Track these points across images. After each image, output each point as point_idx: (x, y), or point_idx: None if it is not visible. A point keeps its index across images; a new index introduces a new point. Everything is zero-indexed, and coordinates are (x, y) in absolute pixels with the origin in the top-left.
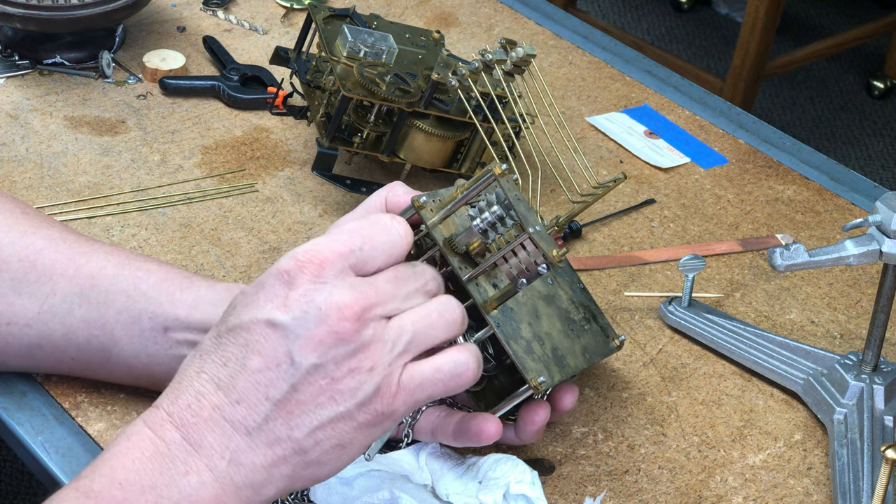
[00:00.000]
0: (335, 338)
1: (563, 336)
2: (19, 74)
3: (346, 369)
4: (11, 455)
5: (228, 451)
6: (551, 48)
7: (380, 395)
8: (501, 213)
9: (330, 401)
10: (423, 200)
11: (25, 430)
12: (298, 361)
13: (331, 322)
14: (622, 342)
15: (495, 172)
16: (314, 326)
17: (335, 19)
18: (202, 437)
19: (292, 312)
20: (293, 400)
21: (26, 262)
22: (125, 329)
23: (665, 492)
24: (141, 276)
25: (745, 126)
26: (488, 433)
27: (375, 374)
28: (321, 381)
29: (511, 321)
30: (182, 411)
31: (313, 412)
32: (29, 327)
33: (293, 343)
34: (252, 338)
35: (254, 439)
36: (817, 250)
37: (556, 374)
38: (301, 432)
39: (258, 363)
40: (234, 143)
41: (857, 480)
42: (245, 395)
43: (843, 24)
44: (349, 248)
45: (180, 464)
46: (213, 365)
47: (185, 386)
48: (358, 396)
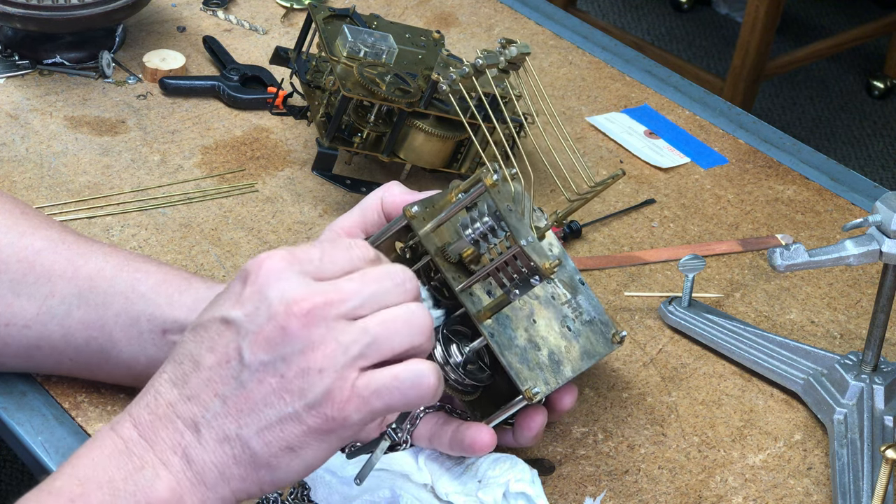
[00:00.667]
0: (283, 334)
1: (561, 338)
2: (19, 74)
3: (297, 369)
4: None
5: (180, 447)
6: (551, 48)
7: (330, 398)
8: (493, 223)
9: (279, 400)
10: (414, 210)
11: (25, 430)
12: (248, 358)
13: (279, 318)
14: (622, 338)
15: (486, 183)
16: (264, 322)
17: (335, 19)
18: (156, 434)
19: (244, 308)
20: (242, 397)
21: (25, 264)
22: (124, 331)
23: (665, 492)
24: (139, 277)
25: (745, 126)
26: (482, 444)
27: (325, 377)
28: (270, 380)
29: (506, 329)
30: (140, 410)
31: (261, 411)
32: (27, 328)
33: (243, 339)
34: (207, 335)
35: (203, 436)
36: (817, 250)
37: (551, 381)
38: (249, 431)
39: (210, 360)
40: (234, 143)
41: (857, 480)
42: (196, 392)
43: (843, 24)
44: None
45: (136, 459)
46: (172, 364)
47: (148, 387)
48: (307, 397)
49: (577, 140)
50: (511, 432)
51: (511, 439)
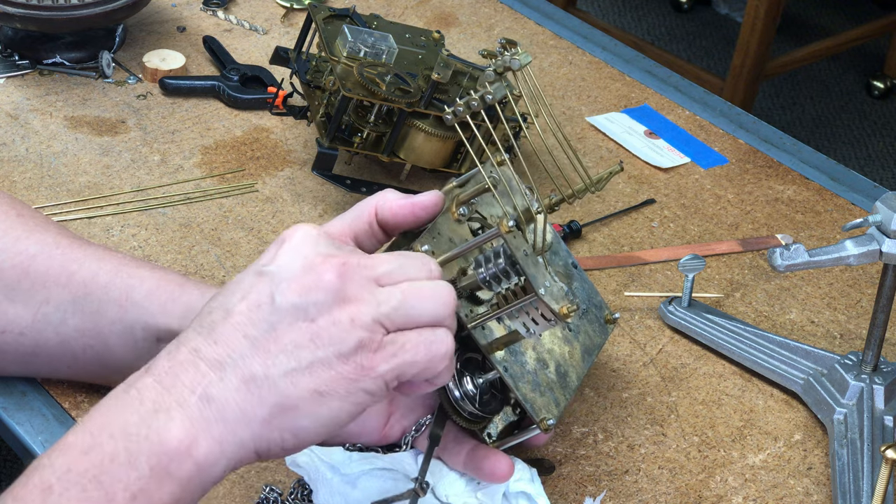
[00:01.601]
0: (317, 281)
1: (564, 343)
2: (19, 74)
3: (329, 318)
4: (12, 455)
5: (200, 387)
6: (551, 48)
7: (361, 348)
8: (506, 267)
9: (310, 343)
10: (424, 249)
11: (25, 430)
12: (279, 301)
13: (316, 268)
14: (615, 319)
15: (502, 230)
16: (300, 273)
17: (335, 19)
18: (175, 378)
19: (280, 262)
20: (272, 338)
21: (19, 269)
22: (119, 339)
23: (665, 492)
24: (133, 284)
25: (745, 126)
26: (502, 474)
27: (357, 328)
28: (301, 324)
29: (517, 356)
30: (161, 360)
31: (292, 353)
32: (23, 336)
33: (276, 286)
34: (240, 287)
35: (227, 374)
36: (817, 250)
37: (561, 400)
38: (277, 371)
39: (242, 307)
40: (234, 143)
41: (857, 480)
42: (224, 335)
43: (843, 24)
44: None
45: (150, 403)
46: (199, 318)
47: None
48: (338, 346)
49: (577, 140)
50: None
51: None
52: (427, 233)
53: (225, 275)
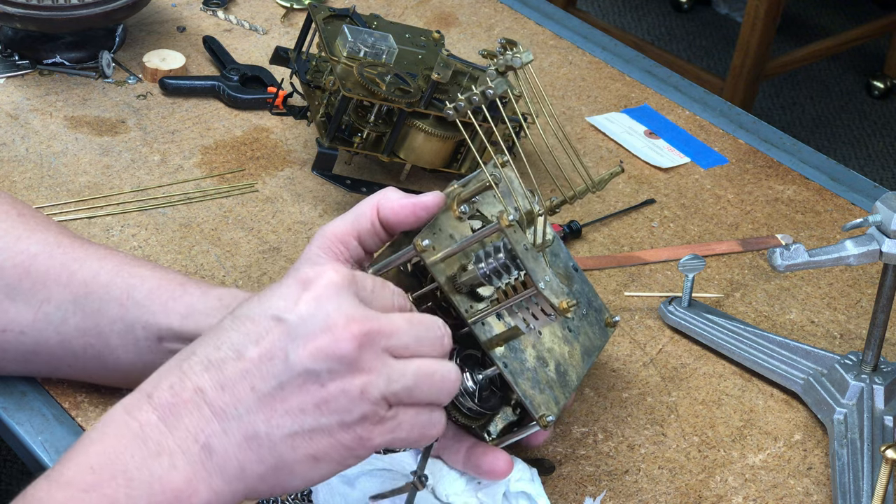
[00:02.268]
0: (335, 349)
1: (564, 343)
2: (19, 74)
3: (339, 386)
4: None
5: (203, 435)
6: (551, 48)
7: (364, 421)
8: (507, 261)
9: (315, 410)
10: (425, 244)
11: (25, 430)
12: (293, 361)
13: (335, 332)
14: (616, 322)
15: (502, 223)
16: (318, 331)
17: (335, 19)
18: (179, 419)
19: (300, 313)
20: (279, 398)
21: (20, 269)
22: (120, 338)
23: (665, 492)
24: (134, 283)
25: (745, 126)
26: (500, 471)
27: (365, 401)
28: (311, 387)
29: (517, 353)
30: (163, 392)
31: (296, 417)
32: (24, 335)
33: (293, 342)
34: (255, 329)
35: (231, 427)
36: (817, 250)
37: (560, 398)
38: (279, 433)
39: (254, 353)
40: (234, 143)
41: (857, 480)
42: (232, 381)
43: (843, 24)
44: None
45: (153, 444)
46: (207, 347)
47: (172, 368)
48: (343, 416)
49: (577, 140)
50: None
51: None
52: (428, 228)
53: (225, 275)
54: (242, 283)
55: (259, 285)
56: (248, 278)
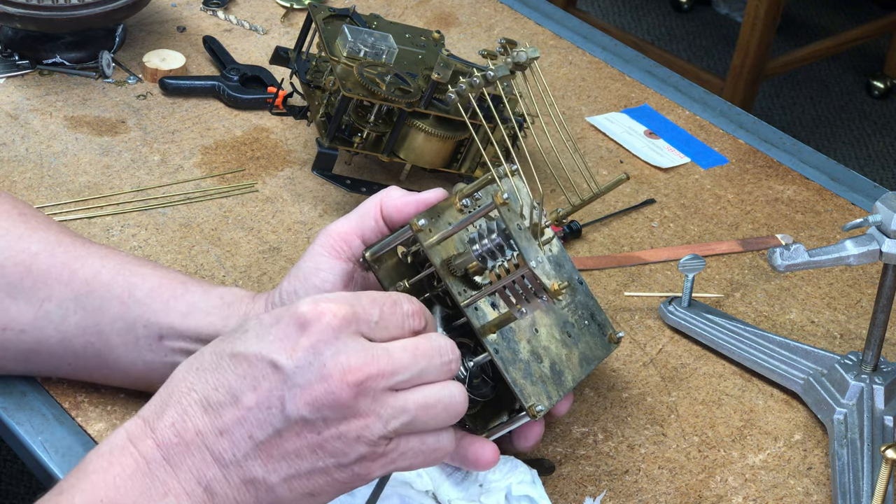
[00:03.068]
0: (331, 399)
1: (561, 346)
2: (19, 74)
3: (335, 432)
4: (11, 455)
5: (205, 479)
6: (551, 48)
7: (361, 460)
8: (501, 241)
9: (311, 454)
10: (421, 224)
11: (25, 430)
12: (290, 410)
13: (331, 382)
14: (619, 339)
15: (496, 201)
16: (314, 381)
17: (335, 19)
18: (182, 460)
19: (296, 360)
20: (275, 445)
21: (21, 267)
22: (121, 336)
23: (665, 492)
24: (136, 282)
25: (745, 126)
26: (486, 460)
27: (361, 445)
28: (307, 435)
29: (510, 343)
30: (166, 429)
31: (293, 461)
32: (24, 333)
33: (289, 391)
34: (252, 372)
35: (230, 473)
36: (817, 250)
37: (553, 394)
38: (277, 477)
39: (251, 400)
40: (234, 143)
41: (857, 480)
42: (230, 428)
43: (843, 24)
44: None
45: (159, 484)
46: (206, 387)
47: (174, 401)
48: (339, 458)
49: (577, 140)
50: (509, 438)
51: (508, 444)
52: (427, 212)
53: (225, 275)
54: (242, 282)
55: (259, 285)
56: (248, 278)
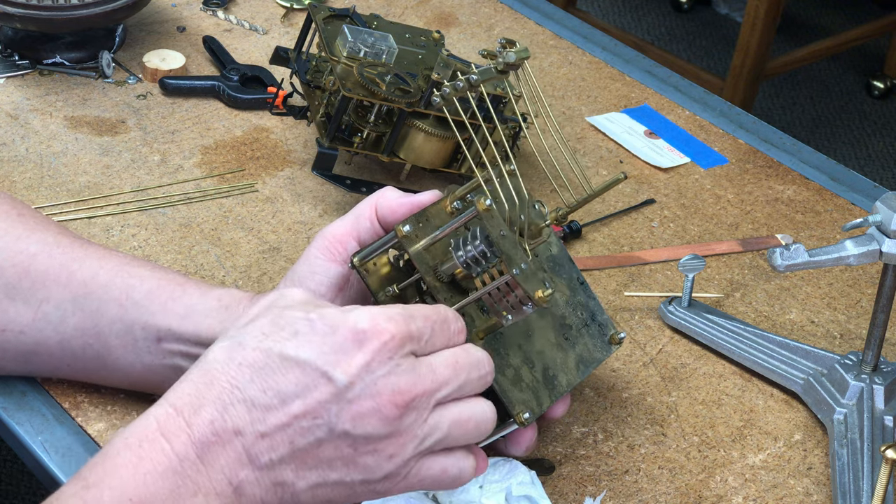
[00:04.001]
0: (378, 417)
1: (557, 349)
2: (19, 74)
3: (372, 448)
4: (11, 455)
5: (237, 479)
6: (551, 48)
7: (387, 479)
8: (485, 248)
9: (343, 467)
10: (406, 230)
11: (25, 430)
12: (334, 423)
13: (380, 401)
14: (621, 339)
15: (479, 208)
16: (365, 398)
17: (335, 19)
18: (216, 458)
19: (350, 374)
20: (312, 454)
21: (20, 268)
22: (119, 338)
23: (665, 492)
24: (134, 283)
25: (745, 126)
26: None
27: (392, 463)
28: (345, 448)
29: (499, 350)
30: (203, 426)
31: (323, 471)
32: (23, 334)
33: (338, 404)
34: (304, 381)
35: (263, 475)
36: (817, 250)
37: (545, 400)
38: (304, 484)
39: (299, 408)
40: (234, 143)
41: (857, 480)
42: (272, 432)
43: (843, 24)
44: (420, 333)
45: (191, 483)
46: (253, 387)
47: (214, 396)
48: (367, 475)
49: (577, 140)
50: (504, 442)
51: (503, 447)
52: (414, 217)
53: (225, 275)
54: (242, 283)
55: (259, 285)
56: (248, 278)
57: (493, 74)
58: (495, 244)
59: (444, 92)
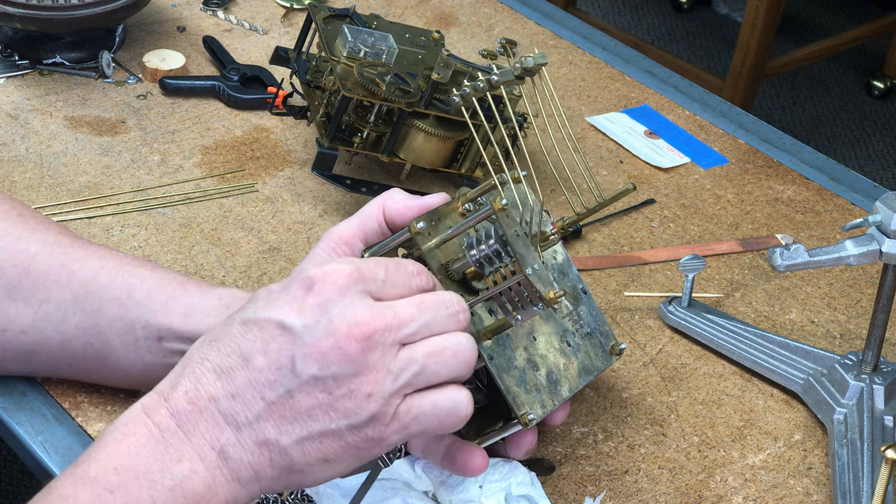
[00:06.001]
0: (339, 354)
1: (560, 355)
2: (19, 74)
3: (346, 389)
4: (11, 455)
5: (219, 443)
6: (551, 48)
7: (374, 421)
8: (498, 248)
9: (324, 415)
10: (420, 227)
11: (25, 430)
12: (300, 369)
13: (339, 337)
14: (622, 350)
15: (495, 207)
16: (322, 338)
17: (335, 19)
18: (195, 426)
19: (304, 319)
20: (287, 405)
21: (20, 268)
22: (120, 337)
23: (665, 492)
24: (134, 283)
25: (745, 126)
26: (474, 467)
27: (373, 402)
28: (318, 394)
29: (505, 349)
30: (179, 398)
31: (305, 422)
32: (24, 334)
33: (298, 350)
34: (262, 335)
35: (243, 435)
36: (817, 250)
37: (548, 403)
38: (289, 439)
39: (261, 362)
40: (234, 143)
41: (857, 480)
42: (242, 390)
43: (843, 24)
44: (373, 274)
45: (173, 451)
46: (218, 354)
47: (188, 372)
48: (351, 419)
49: (577, 140)
50: (502, 444)
51: (502, 449)
52: (427, 215)
53: (225, 275)
54: (242, 283)
55: (259, 285)
56: (248, 278)
57: (512, 77)
58: (510, 243)
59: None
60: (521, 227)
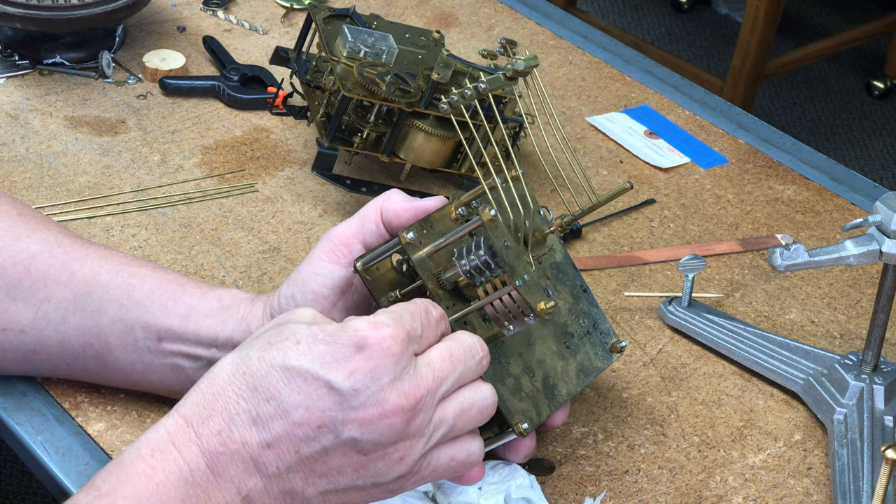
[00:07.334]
0: (385, 424)
1: (558, 358)
2: (19, 74)
3: (381, 453)
4: (11, 455)
5: (245, 489)
6: (551, 48)
7: (399, 480)
8: (488, 259)
9: (353, 472)
10: (409, 237)
11: (25, 430)
12: (340, 431)
13: (387, 407)
14: (623, 348)
15: (483, 218)
16: (370, 405)
17: (335, 19)
18: (225, 469)
19: (353, 383)
20: (320, 461)
21: (20, 268)
22: (119, 338)
23: (665, 492)
24: (134, 283)
25: (745, 126)
26: (471, 476)
27: (403, 464)
28: (353, 455)
29: (499, 358)
30: (212, 436)
31: (333, 477)
32: (24, 334)
33: (344, 413)
34: (306, 389)
35: (271, 484)
36: (817, 250)
37: (544, 409)
38: (314, 490)
39: (302, 416)
40: (234, 143)
41: (857, 480)
42: (277, 441)
43: (843, 24)
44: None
45: (201, 492)
46: (256, 398)
47: (220, 406)
48: (379, 478)
49: (577, 140)
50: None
51: (501, 454)
52: (418, 223)
53: (225, 275)
54: (242, 283)
55: (259, 285)
56: (248, 278)
57: (501, 83)
58: (499, 255)
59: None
60: (512, 237)
